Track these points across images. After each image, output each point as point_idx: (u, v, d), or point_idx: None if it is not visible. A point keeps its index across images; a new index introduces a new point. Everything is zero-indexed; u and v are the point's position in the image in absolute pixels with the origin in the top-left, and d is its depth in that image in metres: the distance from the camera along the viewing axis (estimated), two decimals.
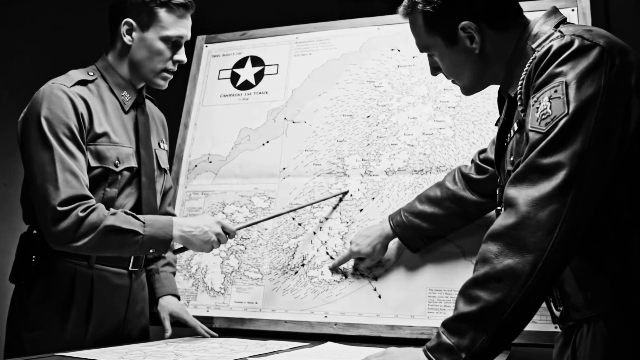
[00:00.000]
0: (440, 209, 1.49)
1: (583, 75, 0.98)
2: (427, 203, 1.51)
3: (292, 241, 1.72)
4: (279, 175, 1.81)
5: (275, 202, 1.78)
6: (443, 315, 1.52)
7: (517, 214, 0.97)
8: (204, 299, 1.73)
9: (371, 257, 1.57)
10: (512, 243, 0.96)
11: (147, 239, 1.36)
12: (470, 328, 0.96)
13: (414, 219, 1.51)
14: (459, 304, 1.01)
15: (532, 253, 0.94)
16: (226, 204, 1.82)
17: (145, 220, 1.38)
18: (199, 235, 1.42)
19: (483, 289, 0.97)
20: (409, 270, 1.59)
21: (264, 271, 1.71)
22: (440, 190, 1.50)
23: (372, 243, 1.55)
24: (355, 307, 1.59)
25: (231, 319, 1.68)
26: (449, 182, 1.50)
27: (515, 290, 0.95)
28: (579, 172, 0.95)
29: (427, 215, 1.50)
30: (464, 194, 1.47)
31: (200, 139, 1.93)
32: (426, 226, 1.50)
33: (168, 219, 1.41)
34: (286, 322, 1.63)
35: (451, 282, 1.54)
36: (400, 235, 1.53)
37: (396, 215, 1.54)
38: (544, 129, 0.99)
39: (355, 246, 1.57)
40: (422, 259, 1.59)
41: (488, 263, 0.98)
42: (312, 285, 1.65)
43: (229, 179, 1.85)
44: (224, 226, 1.46)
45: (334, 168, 1.76)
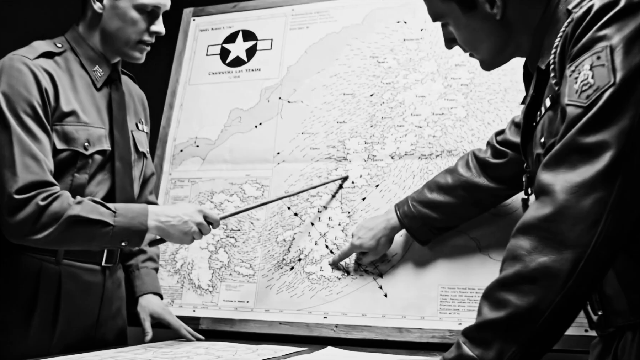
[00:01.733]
0: (452, 198, 1.32)
1: (632, 38, 0.82)
2: (438, 191, 1.34)
3: (287, 233, 1.55)
4: (272, 160, 1.64)
5: (269, 190, 1.61)
6: (457, 316, 1.35)
7: (554, 203, 0.81)
8: (190, 298, 1.56)
9: (375, 251, 1.40)
10: (548, 237, 0.80)
11: (119, 230, 1.19)
12: (498, 338, 0.81)
13: (422, 208, 1.34)
14: (483, 310, 0.85)
15: (572, 249, 0.78)
16: (215, 193, 1.65)
17: (116, 209, 1.21)
18: (178, 225, 1.25)
19: (513, 292, 0.81)
20: (418, 265, 1.42)
21: (257, 267, 1.54)
22: (452, 176, 1.34)
23: (376, 235, 1.38)
24: (359, 307, 1.42)
25: (220, 320, 1.51)
26: (462, 168, 1.33)
27: (552, 293, 0.79)
28: (628, 154, 0.79)
29: (438, 204, 1.33)
30: (478, 180, 1.31)
31: (186, 121, 1.76)
32: (436, 216, 1.33)
33: (142, 207, 1.24)
34: (281, 323, 1.46)
35: (466, 279, 1.37)
36: (408, 226, 1.36)
37: (403, 205, 1.37)
38: (584, 102, 0.82)
39: (358, 239, 1.40)
40: (432, 253, 1.42)
41: (519, 261, 0.82)
42: (310, 283, 1.48)
43: (217, 164, 1.68)
44: (206, 215, 1.29)
45: (334, 152, 1.59)
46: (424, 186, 1.37)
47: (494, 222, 1.40)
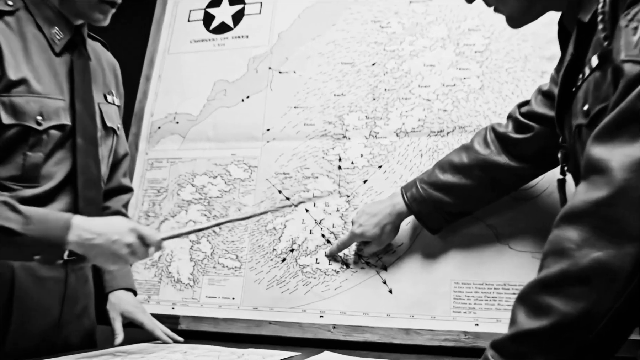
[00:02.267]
0: (468, 179, 1.14)
1: None
2: (451, 171, 1.16)
3: (278, 220, 1.37)
4: (261, 138, 1.45)
5: (257, 171, 1.42)
6: (473, 315, 1.18)
7: (610, 184, 0.64)
8: (169, 293, 1.38)
9: (379, 240, 1.22)
10: (604, 227, 0.64)
11: (30, 242, 0.96)
12: (538, 352, 0.65)
13: (434, 191, 1.16)
14: (519, 317, 0.69)
15: (635, 241, 0.61)
16: (196, 175, 1.47)
17: (30, 215, 0.98)
18: (104, 244, 1.01)
19: (559, 296, 0.65)
20: (428, 257, 1.24)
21: (244, 258, 1.36)
22: (468, 154, 1.16)
23: (380, 223, 1.20)
24: (360, 305, 1.25)
25: (202, 319, 1.33)
26: (479, 145, 1.16)
27: (609, 297, 0.63)
28: None
29: (451, 186, 1.15)
30: (498, 159, 1.13)
31: (165, 94, 1.57)
32: (449, 200, 1.15)
33: (65, 218, 1.01)
34: (271, 323, 1.29)
35: (482, 273, 1.20)
36: (417, 211, 1.18)
37: (411, 187, 1.19)
38: None
39: (359, 227, 1.22)
40: (444, 243, 1.24)
41: (566, 257, 0.65)
42: (305, 277, 1.31)
43: (200, 143, 1.49)
44: (142, 235, 1.04)
45: (331, 129, 1.40)
46: (434, 166, 1.20)
47: (514, 208, 1.22)
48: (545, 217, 1.20)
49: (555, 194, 1.21)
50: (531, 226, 1.20)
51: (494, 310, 1.17)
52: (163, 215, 1.45)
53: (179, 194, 1.46)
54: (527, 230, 1.20)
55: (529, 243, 1.19)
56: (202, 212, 1.43)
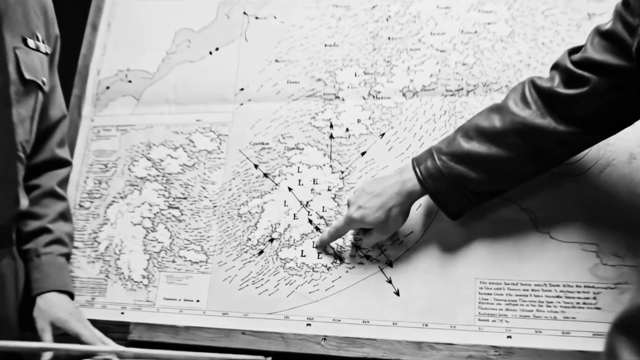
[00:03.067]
0: (501, 148, 0.87)
1: None
2: (479, 138, 0.89)
3: (254, 202, 1.09)
4: (234, 100, 1.16)
5: (229, 141, 1.14)
6: (504, 324, 0.92)
7: None
8: (117, 294, 1.10)
9: (383, 227, 0.95)
10: None
11: None
12: None
13: (455, 164, 0.89)
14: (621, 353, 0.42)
15: None
16: (153, 145, 1.18)
17: None
18: None
19: None
20: (446, 249, 0.97)
21: (211, 250, 1.08)
22: (501, 117, 0.88)
23: (385, 205, 0.93)
24: (358, 311, 0.98)
25: (158, 327, 1.06)
26: (515, 104, 0.88)
27: None
28: None
29: (479, 158, 0.88)
30: (542, 122, 0.85)
31: (115, 46, 1.27)
32: (476, 176, 0.88)
33: None
34: (245, 333, 1.01)
35: (516, 270, 0.93)
36: (433, 190, 0.91)
37: (426, 159, 0.92)
38: None
39: (357, 210, 0.95)
40: (466, 231, 0.97)
41: None
42: (287, 274, 1.03)
43: (157, 106, 1.20)
44: None
45: (320, 87, 1.12)
46: (456, 132, 0.92)
47: (556, 186, 0.95)
48: (596, 198, 0.93)
49: (610, 169, 0.95)
50: (579, 210, 0.93)
51: (532, 319, 0.91)
52: (111, 197, 1.17)
53: (131, 169, 1.17)
54: (574, 216, 0.93)
55: (576, 231, 0.93)
56: (159, 193, 1.14)
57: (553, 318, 0.90)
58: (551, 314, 0.90)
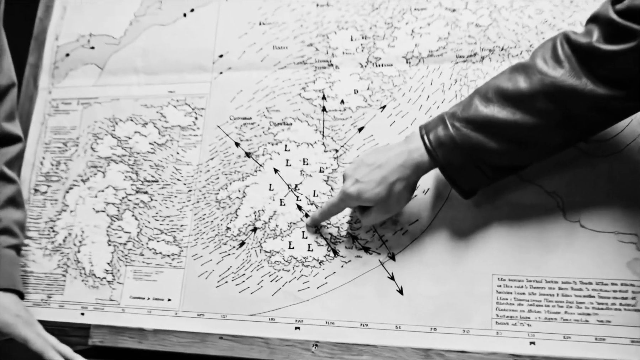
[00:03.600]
0: (527, 114, 0.73)
1: None
2: (500, 102, 0.74)
3: (234, 186, 0.94)
4: (211, 68, 1.01)
5: (206, 115, 0.99)
6: (526, 328, 0.78)
7: None
8: (77, 292, 0.96)
9: (384, 206, 0.80)
10: None
11: None
12: None
13: (471, 132, 0.75)
14: None
15: None
16: (118, 121, 1.03)
17: None
18: None
19: None
20: (458, 239, 0.84)
21: (184, 242, 0.94)
22: (527, 77, 0.74)
23: (386, 178, 0.78)
24: (355, 312, 0.84)
25: (123, 331, 0.91)
26: (544, 62, 0.74)
27: None
28: None
29: (500, 124, 0.74)
30: (577, 83, 0.71)
31: (76, 8, 1.11)
32: (496, 146, 0.74)
33: None
34: (223, 338, 0.87)
35: (540, 264, 0.80)
36: (445, 162, 0.76)
37: (436, 126, 0.77)
38: None
39: (354, 184, 0.80)
40: (482, 220, 0.83)
41: None
42: (273, 269, 0.89)
43: (124, 76, 1.05)
44: None
45: (312, 54, 0.97)
46: (473, 95, 0.77)
47: (588, 167, 0.82)
48: (635, 180, 0.80)
49: None
50: (615, 194, 0.80)
51: (559, 322, 0.77)
52: (71, 180, 1.02)
53: (94, 148, 1.03)
54: (609, 201, 0.80)
55: (611, 219, 0.79)
56: (126, 175, 1.00)
57: (584, 321, 0.77)
58: (582, 317, 0.77)
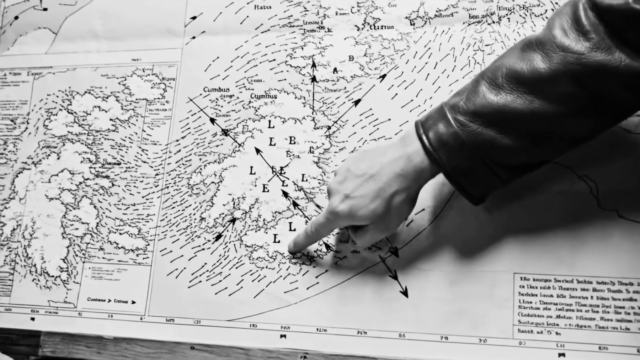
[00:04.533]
0: (548, 101, 0.60)
1: None
2: (515, 88, 0.61)
3: (210, 169, 0.81)
4: (183, 32, 0.87)
5: (176, 87, 0.85)
6: (553, 338, 0.66)
7: None
8: (27, 293, 0.83)
9: (382, 223, 0.66)
10: None
11: None
12: None
13: (481, 127, 0.61)
14: None
15: None
16: (75, 94, 0.89)
17: None
18: None
19: None
20: (472, 233, 0.71)
21: (151, 234, 0.81)
22: (545, 55, 0.60)
23: (383, 192, 0.64)
24: (351, 317, 0.71)
25: (79, 339, 0.78)
26: (565, 34, 0.60)
27: None
28: None
29: (516, 116, 0.60)
30: (607, 58, 0.58)
31: None
32: (510, 143, 0.61)
33: None
34: (195, 348, 0.74)
35: (570, 261, 0.67)
36: (450, 168, 0.62)
37: (437, 121, 0.63)
38: None
39: (344, 201, 0.66)
40: (499, 207, 0.71)
41: None
42: (255, 267, 0.76)
43: (82, 42, 0.91)
44: None
45: (299, 15, 0.83)
46: (477, 80, 0.63)
47: (624, 145, 0.69)
48: None
49: None
50: None
51: (594, 330, 0.65)
52: (20, 162, 0.88)
53: (47, 125, 0.89)
54: None
55: None
56: (83, 157, 0.86)
57: (624, 329, 0.65)
58: (621, 324, 0.65)
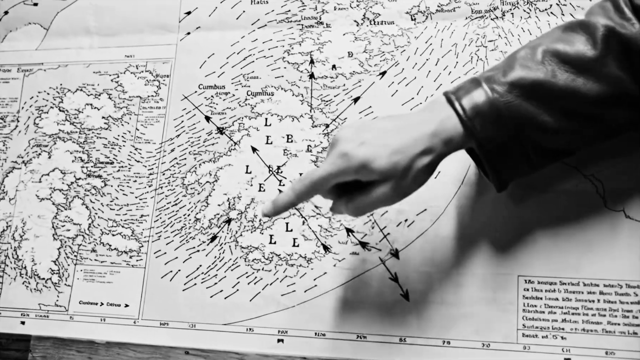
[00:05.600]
0: (593, 80, 0.56)
1: None
2: (557, 64, 0.57)
3: (205, 168, 0.79)
4: (177, 27, 0.85)
5: (170, 84, 0.83)
6: (559, 343, 0.64)
7: None
8: (16, 297, 0.80)
9: (395, 186, 0.57)
10: None
11: None
12: None
13: (520, 99, 0.57)
14: None
15: None
16: (67, 91, 0.86)
17: None
18: None
19: None
20: (474, 234, 0.69)
21: (144, 235, 0.78)
22: (590, 35, 0.58)
23: (408, 148, 0.56)
24: (350, 321, 0.69)
25: (70, 344, 0.76)
26: (609, 19, 0.57)
27: None
28: None
29: (560, 91, 0.56)
30: None
31: None
32: (551, 120, 0.56)
33: None
34: (189, 353, 0.72)
35: (576, 264, 0.65)
36: (484, 139, 0.57)
37: (469, 90, 0.58)
38: None
39: (360, 146, 0.56)
40: (503, 208, 0.68)
41: None
42: (251, 269, 0.74)
43: (74, 38, 0.88)
44: None
45: (297, 10, 0.81)
46: (512, 56, 0.60)
47: (632, 142, 0.67)
48: None
49: None
50: None
51: (601, 335, 0.63)
52: (10, 161, 0.86)
53: (37, 124, 0.86)
54: None
55: None
56: (75, 156, 0.84)
57: (632, 334, 0.63)
58: (629, 328, 0.63)
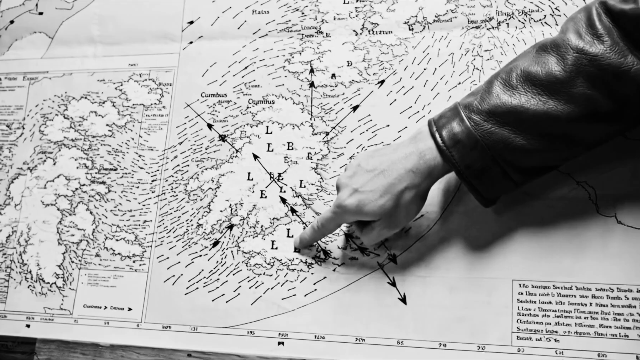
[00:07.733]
0: (563, 102, 0.60)
1: None
2: (529, 89, 0.61)
3: (207, 175, 0.81)
4: (180, 37, 0.87)
5: (173, 92, 0.85)
6: (553, 344, 0.66)
7: None
8: (22, 300, 0.82)
9: (390, 220, 0.66)
10: None
11: None
12: None
13: (495, 126, 0.61)
14: None
15: None
16: (72, 99, 0.88)
17: None
18: None
19: None
20: (470, 238, 0.71)
21: (147, 240, 0.80)
22: (560, 57, 0.60)
23: (393, 187, 0.64)
24: (350, 324, 0.71)
25: (75, 346, 0.78)
26: (579, 37, 0.60)
27: None
28: None
29: (532, 116, 0.60)
30: (619, 61, 0.58)
31: None
32: (525, 143, 0.61)
33: None
34: (192, 355, 0.74)
35: (569, 268, 0.67)
36: (463, 167, 0.62)
37: (450, 119, 0.63)
38: None
39: (352, 195, 0.65)
40: (499, 215, 0.70)
41: None
42: (252, 273, 0.76)
43: (78, 46, 0.90)
44: None
45: (297, 20, 0.83)
46: (491, 81, 0.63)
47: (623, 150, 0.69)
48: None
49: None
50: None
51: (593, 337, 0.65)
52: (15, 167, 0.87)
53: (42, 131, 0.88)
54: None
55: None
56: (80, 162, 0.85)
57: (623, 336, 0.65)
58: (620, 331, 0.65)
